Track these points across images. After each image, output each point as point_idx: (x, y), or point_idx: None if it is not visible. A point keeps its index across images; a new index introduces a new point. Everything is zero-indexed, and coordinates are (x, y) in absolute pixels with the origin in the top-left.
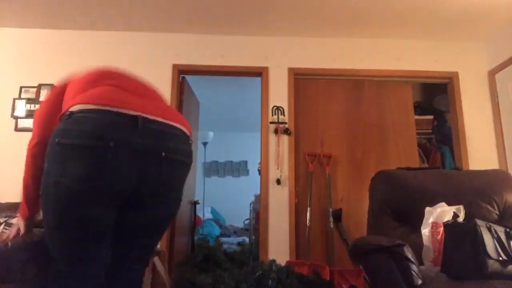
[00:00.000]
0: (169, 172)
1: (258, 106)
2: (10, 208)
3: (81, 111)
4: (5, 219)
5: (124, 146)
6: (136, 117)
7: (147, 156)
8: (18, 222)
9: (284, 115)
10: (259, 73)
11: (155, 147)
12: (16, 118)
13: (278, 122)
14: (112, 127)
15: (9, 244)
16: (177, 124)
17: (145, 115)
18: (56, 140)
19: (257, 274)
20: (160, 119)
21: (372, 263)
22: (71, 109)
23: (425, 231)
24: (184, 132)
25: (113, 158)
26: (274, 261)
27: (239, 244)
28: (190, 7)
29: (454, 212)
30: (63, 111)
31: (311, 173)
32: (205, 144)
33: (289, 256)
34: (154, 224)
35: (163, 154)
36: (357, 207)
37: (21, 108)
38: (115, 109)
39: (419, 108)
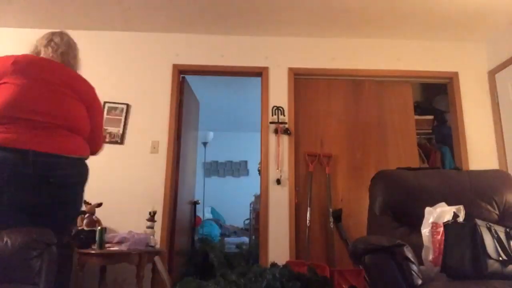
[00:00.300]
0: (59, 193)
1: (258, 106)
2: None
3: None
4: None
5: (16, 176)
6: (27, 151)
7: (38, 182)
8: None
9: (284, 115)
10: (259, 73)
11: (44, 175)
12: None
13: (278, 122)
14: (6, 162)
15: (9, 243)
16: (63, 153)
17: (35, 150)
18: None
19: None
20: (46, 152)
21: (372, 263)
22: None
23: (425, 231)
24: (70, 158)
25: (9, 186)
26: (275, 264)
27: (237, 247)
28: (190, 7)
29: (454, 212)
30: None
31: (311, 173)
32: (205, 144)
33: (289, 256)
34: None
35: (51, 180)
36: (357, 207)
37: None
38: (9, 147)
39: (419, 108)
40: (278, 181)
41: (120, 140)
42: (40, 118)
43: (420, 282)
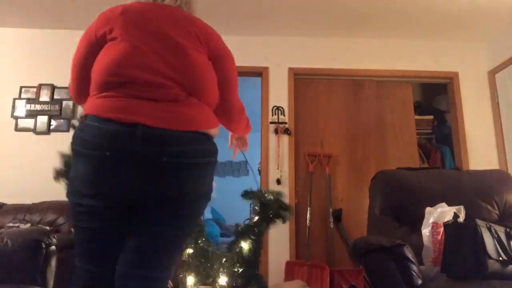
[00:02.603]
0: (174, 176)
1: (258, 106)
2: (16, 210)
3: (87, 117)
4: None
5: (121, 155)
6: (136, 124)
7: (147, 163)
8: None
9: (284, 115)
10: (259, 73)
11: (155, 153)
12: (16, 118)
13: (278, 122)
14: (110, 136)
15: (9, 244)
16: (182, 129)
17: (145, 124)
18: (71, 144)
19: None
20: (162, 126)
21: (372, 263)
22: (85, 113)
23: (426, 231)
24: (192, 133)
25: (111, 166)
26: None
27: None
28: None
29: (454, 212)
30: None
31: (311, 173)
32: None
33: (289, 256)
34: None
35: (165, 159)
36: (357, 207)
37: (21, 108)
38: (115, 119)
39: (419, 108)
40: (278, 181)
41: None
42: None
43: (420, 282)
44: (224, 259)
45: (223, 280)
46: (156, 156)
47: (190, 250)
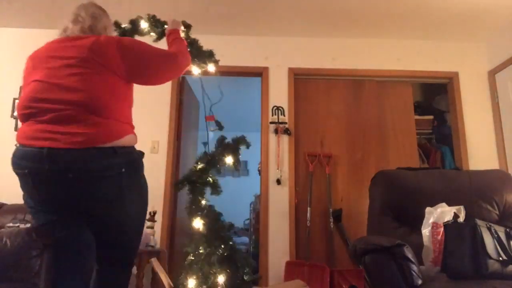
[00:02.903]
0: (82, 189)
1: (258, 106)
2: (17, 211)
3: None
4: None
5: (35, 173)
6: (43, 148)
7: (56, 178)
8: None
9: (284, 115)
10: (259, 73)
11: (60, 170)
12: (16, 118)
13: (278, 122)
14: (25, 158)
15: (9, 244)
16: (84, 146)
17: (50, 146)
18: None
19: None
20: (65, 148)
21: (372, 263)
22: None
23: (426, 231)
24: (95, 149)
25: (31, 181)
26: None
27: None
28: (189, 7)
29: (454, 212)
30: None
31: (311, 173)
32: (205, 144)
33: (289, 256)
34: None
35: (70, 175)
36: (357, 207)
37: None
38: (29, 145)
39: (419, 108)
40: (278, 181)
41: None
42: (55, 105)
43: (420, 282)
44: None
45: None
46: (62, 173)
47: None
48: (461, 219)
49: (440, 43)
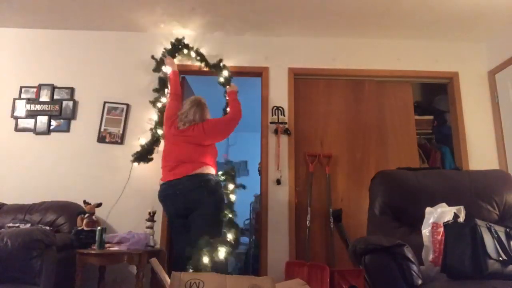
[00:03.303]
0: (185, 200)
1: (258, 106)
2: (17, 211)
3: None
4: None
5: (167, 196)
6: (165, 183)
7: (172, 196)
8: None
9: (284, 115)
10: (259, 73)
11: (172, 192)
12: (16, 118)
13: (278, 122)
14: (163, 190)
15: (9, 244)
16: (183, 176)
17: (169, 181)
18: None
19: None
20: (175, 180)
21: (372, 263)
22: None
23: (426, 231)
24: (187, 177)
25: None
26: None
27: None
28: (190, 7)
29: (454, 212)
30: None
31: (311, 173)
32: None
33: (289, 256)
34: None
35: (178, 192)
36: (357, 207)
37: (21, 108)
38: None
39: (419, 108)
40: (278, 181)
41: (120, 140)
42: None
43: (420, 282)
44: None
45: None
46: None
47: None
48: (461, 219)
49: (440, 43)
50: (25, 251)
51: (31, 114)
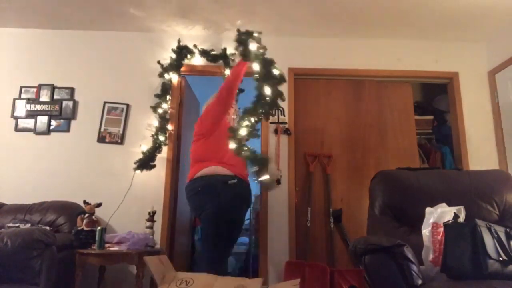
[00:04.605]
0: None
1: None
2: (17, 211)
3: None
4: (15, 223)
5: None
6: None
7: None
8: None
9: (284, 115)
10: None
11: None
12: (16, 118)
13: (278, 122)
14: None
15: (9, 244)
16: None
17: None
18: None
19: None
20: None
21: (372, 263)
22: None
23: (426, 231)
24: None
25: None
26: None
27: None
28: (189, 7)
29: (454, 212)
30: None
31: (311, 173)
32: None
33: (289, 256)
34: None
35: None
36: (357, 207)
37: (21, 108)
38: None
39: (419, 108)
40: (278, 181)
41: (120, 140)
42: None
43: (420, 282)
44: None
45: None
46: None
47: None
48: (461, 219)
49: (440, 43)
50: (25, 251)
51: (31, 114)
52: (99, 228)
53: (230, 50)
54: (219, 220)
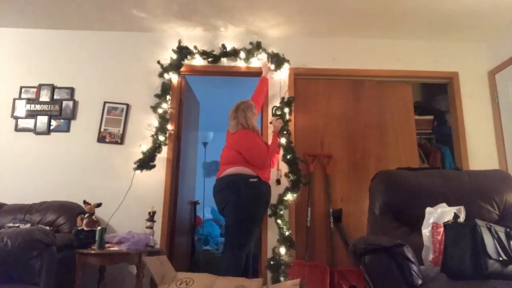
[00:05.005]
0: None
1: None
2: (17, 211)
3: None
4: (15, 223)
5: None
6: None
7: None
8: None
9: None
10: (259, 73)
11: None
12: (16, 118)
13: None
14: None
15: (9, 243)
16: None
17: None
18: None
19: None
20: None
21: (372, 263)
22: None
23: (426, 231)
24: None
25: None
26: None
27: None
28: (190, 7)
29: (454, 212)
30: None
31: (311, 173)
32: (205, 144)
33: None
34: None
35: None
36: (357, 207)
37: (21, 108)
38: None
39: (419, 108)
40: (278, 181)
41: (120, 140)
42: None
43: (420, 282)
44: None
45: None
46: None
47: None
48: (461, 219)
49: (440, 43)
50: (25, 251)
51: (31, 114)
52: (99, 228)
53: (229, 47)
54: (240, 213)
